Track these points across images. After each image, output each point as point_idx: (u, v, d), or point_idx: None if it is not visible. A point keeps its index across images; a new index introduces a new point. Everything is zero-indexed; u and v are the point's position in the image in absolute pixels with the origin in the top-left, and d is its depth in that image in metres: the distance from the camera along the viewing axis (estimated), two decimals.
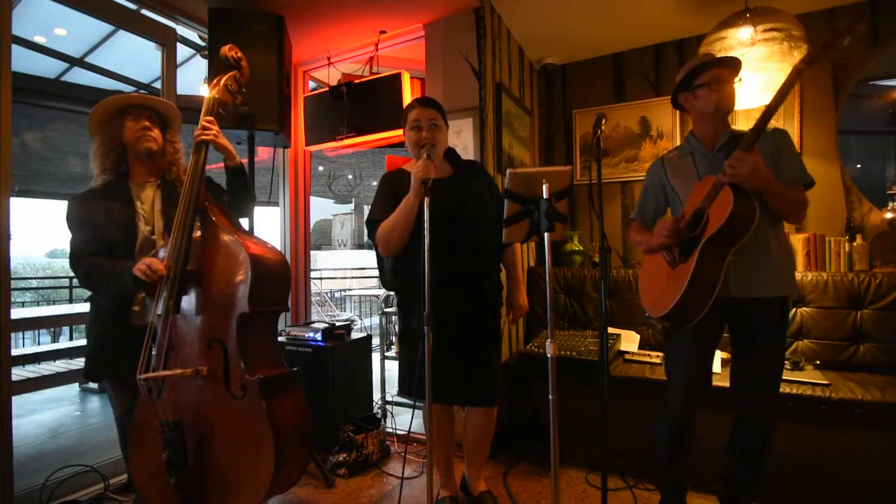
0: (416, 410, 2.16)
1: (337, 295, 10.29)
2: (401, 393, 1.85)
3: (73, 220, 1.60)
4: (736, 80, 1.59)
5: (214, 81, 1.72)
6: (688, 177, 1.65)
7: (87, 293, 1.68)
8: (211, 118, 1.65)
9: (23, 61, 4.49)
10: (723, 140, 1.60)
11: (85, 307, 1.75)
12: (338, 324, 2.63)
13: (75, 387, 4.12)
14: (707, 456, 1.79)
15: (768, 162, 1.48)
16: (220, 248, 1.55)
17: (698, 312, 1.48)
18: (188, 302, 1.54)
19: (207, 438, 1.47)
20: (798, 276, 2.32)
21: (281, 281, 1.63)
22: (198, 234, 1.57)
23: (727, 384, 1.96)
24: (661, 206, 1.80)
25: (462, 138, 2.51)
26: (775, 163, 1.50)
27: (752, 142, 1.40)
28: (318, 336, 2.49)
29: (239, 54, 1.76)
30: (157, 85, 2.49)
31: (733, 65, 1.58)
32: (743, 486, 1.63)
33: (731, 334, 1.65)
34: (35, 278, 11.45)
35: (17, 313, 3.14)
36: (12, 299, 2.16)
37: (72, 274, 1.62)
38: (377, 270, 1.98)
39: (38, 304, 7.41)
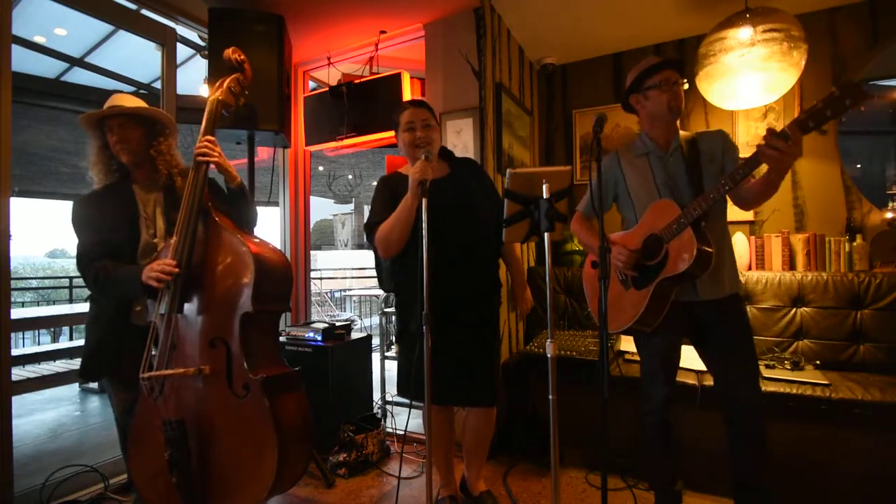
0: (414, 410, 2.16)
1: (337, 295, 10.29)
2: (400, 393, 1.86)
3: (78, 223, 1.60)
4: (682, 83, 1.62)
5: (217, 84, 1.71)
6: (644, 178, 1.67)
7: (87, 293, 1.68)
8: (212, 138, 1.62)
9: (23, 61, 4.49)
10: (675, 143, 1.63)
11: (85, 307, 1.75)
12: (338, 324, 2.63)
13: (75, 387, 4.12)
14: (706, 456, 1.79)
15: (718, 155, 1.59)
16: (223, 248, 1.55)
17: (649, 328, 1.61)
18: (190, 301, 1.54)
19: (209, 437, 1.48)
20: (798, 275, 2.33)
21: (284, 281, 1.63)
22: (200, 233, 1.57)
23: None
24: (607, 201, 1.79)
25: (462, 138, 2.51)
26: (725, 156, 1.59)
27: (809, 126, 1.25)
28: (318, 336, 2.49)
29: (242, 57, 1.76)
30: (157, 85, 2.49)
31: (680, 67, 1.63)
32: (755, 488, 1.59)
33: (697, 336, 1.65)
34: (35, 278, 11.43)
35: (17, 313, 3.14)
36: (12, 299, 2.16)
37: (72, 274, 1.62)
38: (376, 271, 1.98)
39: (38, 304, 7.41)
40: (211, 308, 1.52)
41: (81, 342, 1.70)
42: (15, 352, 3.18)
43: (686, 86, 1.64)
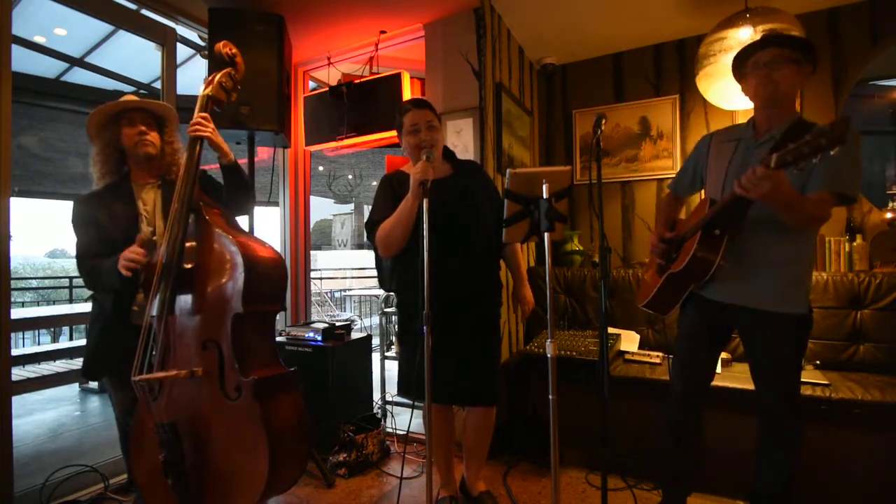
0: (415, 410, 2.16)
1: (337, 295, 10.29)
2: (400, 393, 1.86)
3: (78, 222, 1.61)
4: (781, 62, 1.35)
5: (209, 79, 1.70)
6: (720, 166, 1.53)
7: (88, 293, 1.68)
8: (205, 115, 1.62)
9: (23, 61, 4.50)
10: (773, 133, 1.41)
11: (85, 307, 1.75)
12: (338, 324, 2.63)
13: (75, 387, 4.12)
14: (707, 456, 1.78)
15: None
16: (213, 248, 1.53)
17: (661, 313, 1.68)
18: (184, 302, 1.53)
19: (203, 439, 1.47)
20: None
21: (276, 280, 1.61)
22: (191, 232, 1.56)
23: (728, 384, 1.96)
24: (696, 184, 1.70)
25: (462, 138, 2.51)
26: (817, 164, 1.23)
27: (787, 162, 1.09)
28: (318, 336, 2.49)
29: (234, 50, 1.74)
30: (157, 85, 2.49)
31: (786, 43, 1.36)
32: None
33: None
34: (35, 278, 11.43)
35: (17, 313, 3.14)
36: (12, 299, 2.16)
37: (72, 274, 1.62)
38: (376, 271, 1.97)
39: (38, 304, 7.40)
40: (203, 309, 1.51)
41: (81, 342, 1.70)
42: (15, 352, 3.18)
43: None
